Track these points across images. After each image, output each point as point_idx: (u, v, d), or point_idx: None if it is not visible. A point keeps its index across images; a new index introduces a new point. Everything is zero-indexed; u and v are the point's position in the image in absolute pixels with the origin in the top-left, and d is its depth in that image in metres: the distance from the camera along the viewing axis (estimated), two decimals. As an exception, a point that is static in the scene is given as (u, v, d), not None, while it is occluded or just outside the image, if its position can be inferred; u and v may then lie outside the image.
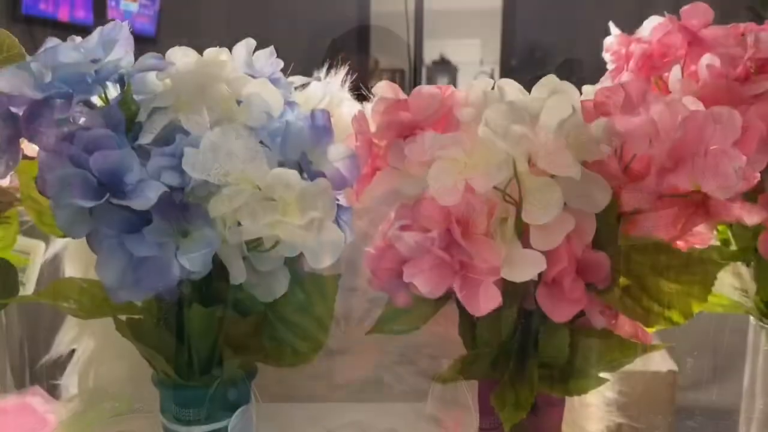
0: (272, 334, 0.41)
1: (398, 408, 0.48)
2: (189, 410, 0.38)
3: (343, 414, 0.48)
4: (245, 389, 0.40)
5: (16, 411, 0.70)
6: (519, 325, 0.38)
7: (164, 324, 0.37)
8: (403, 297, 0.41)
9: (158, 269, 0.33)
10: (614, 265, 0.35)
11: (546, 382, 0.37)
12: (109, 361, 0.48)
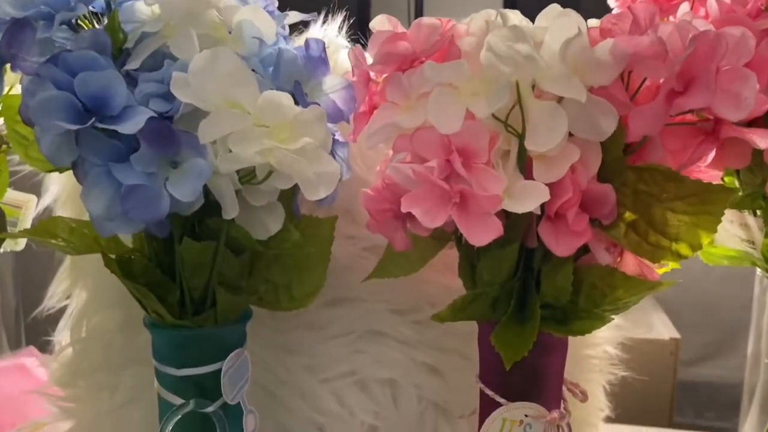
0: (267, 277, 0.40)
1: (396, 358, 0.47)
2: (181, 352, 0.37)
3: (339, 364, 0.47)
4: (240, 332, 0.39)
5: (11, 372, 0.69)
6: (520, 264, 0.37)
7: (155, 262, 0.36)
8: (402, 239, 0.40)
9: (147, 200, 0.32)
10: (620, 199, 0.34)
11: (548, 322, 0.36)
12: (101, 310, 0.47)
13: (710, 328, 1.70)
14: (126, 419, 0.47)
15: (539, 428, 0.38)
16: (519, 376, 0.39)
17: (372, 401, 0.47)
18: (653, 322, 1.05)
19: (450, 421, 0.48)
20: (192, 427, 0.38)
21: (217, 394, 0.37)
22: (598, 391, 0.56)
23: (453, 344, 0.48)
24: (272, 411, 0.47)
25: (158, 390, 0.38)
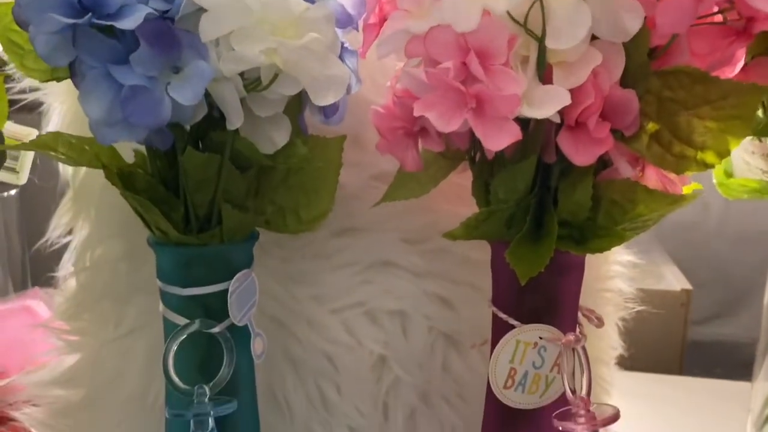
0: (273, 199, 0.39)
1: (406, 289, 0.46)
2: (187, 271, 0.36)
3: (348, 295, 0.46)
4: (246, 253, 0.38)
5: (16, 313, 0.69)
6: (537, 181, 0.35)
7: (158, 178, 0.35)
8: (413, 158, 0.38)
9: (148, 104, 0.30)
10: (643, 108, 0.32)
11: (565, 240, 0.35)
12: (105, 241, 0.46)
13: (721, 288, 1.69)
14: (131, 349, 0.46)
15: (554, 351, 0.37)
16: (533, 299, 0.38)
17: (381, 332, 0.46)
18: (664, 274, 1.04)
19: (460, 352, 0.47)
20: (197, 348, 0.37)
21: (223, 315, 0.37)
22: (611, 328, 0.55)
23: (464, 275, 0.47)
24: (280, 340, 0.46)
25: (163, 312, 0.37)
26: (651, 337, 0.90)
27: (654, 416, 0.69)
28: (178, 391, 0.36)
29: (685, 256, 1.33)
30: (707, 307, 1.70)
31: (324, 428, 0.47)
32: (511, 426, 0.40)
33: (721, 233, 1.69)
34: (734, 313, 1.76)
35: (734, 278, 1.73)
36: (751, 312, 1.73)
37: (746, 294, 1.74)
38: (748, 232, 1.68)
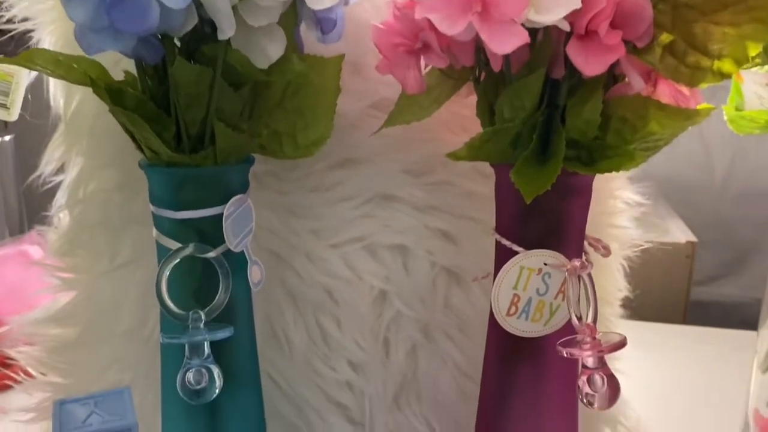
0: (268, 123, 0.37)
1: (408, 223, 0.45)
2: (180, 193, 0.35)
3: (348, 229, 0.45)
4: (242, 176, 0.37)
5: (13, 259, 0.68)
6: (544, 99, 0.34)
7: (148, 95, 0.34)
8: (415, 78, 0.37)
9: (135, 9, 0.29)
10: (657, 18, 0.31)
11: (572, 161, 0.34)
12: (98, 172, 0.45)
13: (724, 248, 1.68)
14: (127, 282, 0.45)
15: (559, 278, 0.36)
16: (538, 225, 0.37)
17: (382, 266, 0.45)
18: (669, 227, 1.03)
19: (462, 287, 0.46)
20: (192, 275, 0.36)
21: (218, 240, 0.35)
22: (616, 270, 0.54)
23: (466, 208, 0.45)
24: (279, 274, 0.45)
25: (157, 237, 0.36)
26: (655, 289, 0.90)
27: (659, 364, 0.68)
28: (173, 316, 0.35)
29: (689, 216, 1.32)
30: (710, 267, 1.70)
31: (324, 363, 0.46)
32: (514, 356, 0.39)
33: (725, 193, 1.67)
34: (736, 273, 1.75)
35: (737, 238, 1.71)
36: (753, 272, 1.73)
37: (749, 254, 1.73)
38: (752, 192, 1.66)
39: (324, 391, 0.46)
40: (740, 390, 0.57)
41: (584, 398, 0.35)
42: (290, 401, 0.47)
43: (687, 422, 0.60)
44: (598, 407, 0.36)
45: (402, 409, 0.47)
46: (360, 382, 0.46)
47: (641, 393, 0.59)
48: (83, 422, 0.33)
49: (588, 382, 0.36)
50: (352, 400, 0.46)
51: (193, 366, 0.34)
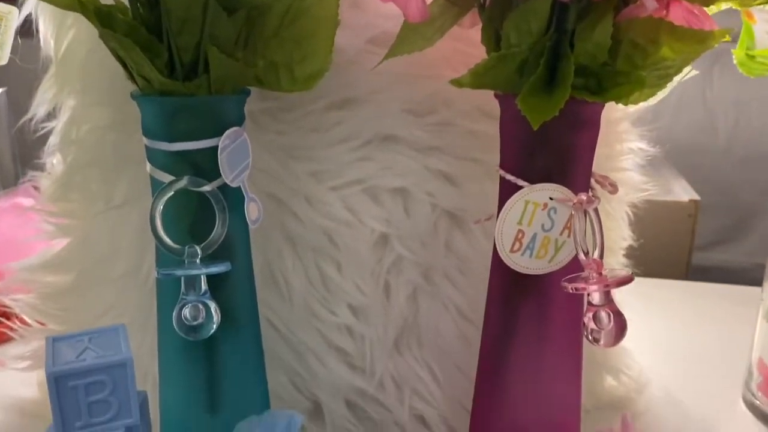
0: (264, 54, 0.36)
1: (408, 165, 0.44)
2: (173, 123, 0.34)
3: (348, 172, 0.44)
4: (237, 108, 0.36)
5: (6, 212, 0.67)
6: (552, 23, 0.32)
7: (139, 20, 0.32)
8: (417, 6, 0.35)
9: None
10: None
11: (581, 89, 0.33)
12: (92, 109, 0.43)
13: (727, 211, 1.67)
14: (122, 224, 0.44)
15: (565, 213, 0.35)
16: (544, 158, 0.36)
17: (382, 210, 0.44)
18: (672, 187, 1.02)
19: (464, 230, 0.45)
20: (188, 211, 0.35)
21: (214, 174, 0.34)
22: (621, 219, 0.53)
23: (469, 150, 0.44)
24: (279, 218, 0.44)
25: (151, 172, 0.35)
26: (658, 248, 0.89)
27: (661, 318, 0.68)
28: (168, 250, 0.34)
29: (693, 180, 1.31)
30: (712, 231, 1.69)
31: (324, 307, 0.45)
32: (517, 296, 0.38)
33: (728, 157, 1.66)
34: (738, 238, 1.74)
35: (740, 202, 1.71)
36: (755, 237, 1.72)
37: (751, 218, 1.72)
38: (755, 155, 1.65)
39: (324, 336, 0.46)
40: (744, 343, 0.57)
41: (590, 335, 0.35)
42: (290, 346, 0.46)
43: (690, 373, 0.59)
44: (603, 344, 0.35)
45: (403, 353, 0.46)
46: (360, 327, 0.45)
47: (644, 345, 0.59)
48: (77, 357, 0.32)
49: (594, 319, 0.35)
50: (352, 345, 0.46)
51: (190, 301, 0.34)
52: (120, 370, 0.32)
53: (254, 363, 0.40)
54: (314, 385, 0.47)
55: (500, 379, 0.40)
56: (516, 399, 0.40)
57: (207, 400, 0.38)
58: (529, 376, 0.40)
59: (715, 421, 0.53)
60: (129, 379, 0.32)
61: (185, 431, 0.39)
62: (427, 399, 0.47)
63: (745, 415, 0.54)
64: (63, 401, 0.32)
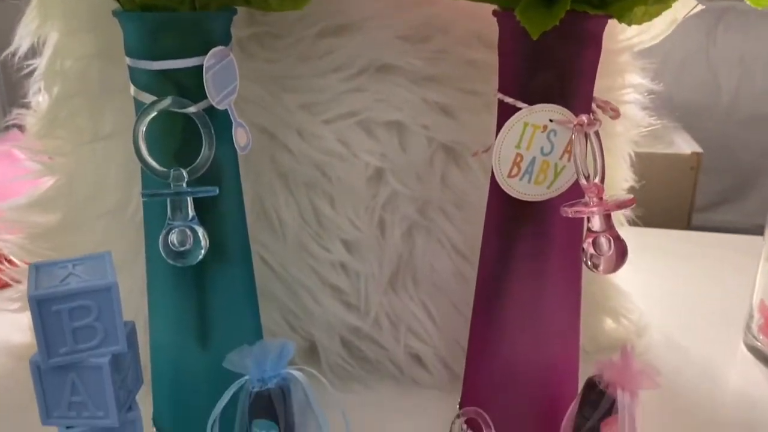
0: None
1: (403, 97, 0.42)
2: (156, 40, 0.32)
3: (340, 103, 0.42)
4: (222, 26, 0.34)
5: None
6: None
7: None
8: None
9: None
10: None
11: (582, 1, 0.31)
12: (76, 37, 0.42)
13: (728, 172, 1.66)
14: (109, 159, 0.43)
15: (565, 136, 0.34)
16: (545, 78, 0.34)
17: (377, 143, 0.43)
18: (674, 140, 1.00)
19: (460, 165, 0.44)
20: (173, 135, 0.34)
21: (199, 96, 0.33)
22: (622, 159, 0.52)
23: (466, 80, 0.43)
24: (270, 153, 0.43)
25: (135, 95, 0.34)
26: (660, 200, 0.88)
27: (663, 267, 0.67)
28: (153, 172, 0.33)
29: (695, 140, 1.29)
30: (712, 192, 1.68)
31: (317, 243, 0.44)
32: (515, 225, 0.37)
33: (730, 116, 1.64)
34: (739, 199, 1.73)
35: (742, 163, 1.69)
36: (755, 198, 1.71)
37: (752, 179, 1.71)
38: (758, 115, 1.63)
39: (318, 273, 0.45)
40: (745, 291, 0.56)
41: (589, 260, 0.34)
42: (284, 284, 0.45)
43: (690, 318, 0.59)
44: (603, 270, 0.34)
45: (398, 291, 0.46)
46: (354, 263, 0.44)
47: (645, 291, 0.58)
48: (60, 282, 0.31)
49: (593, 245, 0.34)
50: (347, 282, 0.45)
51: (176, 226, 0.32)
52: (105, 294, 0.31)
53: (246, 296, 0.39)
54: (309, 324, 0.46)
55: (496, 314, 0.40)
56: (513, 336, 0.39)
57: (198, 333, 0.38)
58: (526, 312, 0.39)
59: (715, 364, 0.53)
60: (114, 304, 0.31)
61: (176, 366, 0.39)
62: (422, 337, 0.46)
63: (746, 357, 0.54)
64: (47, 326, 0.31)
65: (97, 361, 0.32)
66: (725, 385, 0.50)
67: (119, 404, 0.33)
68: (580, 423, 0.36)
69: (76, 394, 0.32)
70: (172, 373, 0.39)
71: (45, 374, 0.32)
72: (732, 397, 0.49)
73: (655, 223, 0.78)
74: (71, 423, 0.33)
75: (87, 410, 0.33)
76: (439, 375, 0.48)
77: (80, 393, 0.32)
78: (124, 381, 0.34)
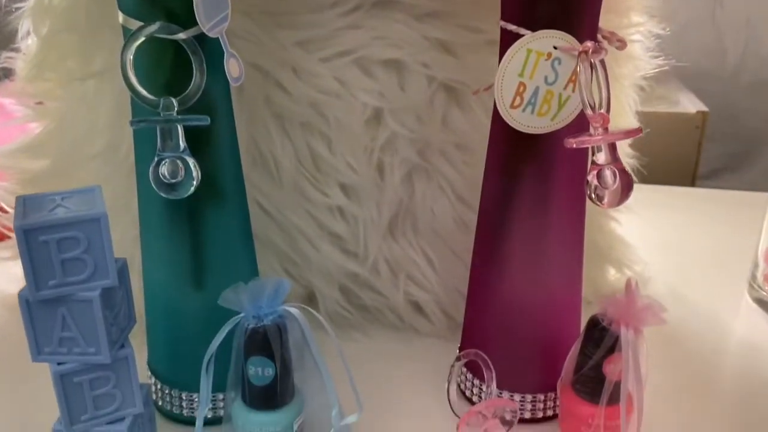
0: None
1: (402, 34, 0.41)
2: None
3: (337, 40, 0.41)
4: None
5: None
6: None
7: None
8: None
9: None
10: None
11: None
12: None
13: (732, 138, 1.64)
14: (100, 99, 0.42)
15: (569, 65, 0.33)
16: (548, 6, 0.33)
17: (375, 83, 0.41)
18: (680, 99, 0.98)
19: (462, 106, 0.42)
20: (162, 63, 0.33)
21: (189, 23, 0.32)
22: (627, 105, 0.51)
23: (469, 16, 0.41)
24: (265, 92, 0.42)
25: (123, 22, 0.32)
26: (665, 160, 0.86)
27: (669, 223, 0.66)
28: (142, 101, 0.31)
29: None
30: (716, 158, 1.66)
31: (315, 188, 0.43)
32: (517, 162, 0.36)
33: (736, 81, 1.62)
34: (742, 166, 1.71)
35: (746, 129, 1.67)
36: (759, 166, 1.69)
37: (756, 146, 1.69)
38: (764, 80, 1.61)
39: (315, 219, 0.44)
40: (750, 245, 0.55)
41: (593, 193, 0.33)
42: (282, 230, 0.44)
43: (695, 271, 0.58)
44: (607, 203, 0.33)
45: (397, 238, 0.45)
46: (353, 208, 0.43)
47: (649, 244, 0.57)
48: (48, 212, 0.30)
49: (598, 178, 0.33)
50: (345, 228, 0.44)
51: (167, 157, 0.31)
52: (94, 225, 0.30)
53: (241, 235, 0.38)
54: (307, 271, 0.45)
55: (498, 254, 0.38)
56: (515, 276, 0.38)
57: (192, 274, 0.37)
58: (528, 251, 0.38)
59: (719, 314, 0.52)
60: (104, 237, 0.30)
61: (171, 308, 0.38)
62: (422, 284, 0.46)
63: (751, 307, 0.53)
64: (34, 258, 0.30)
65: (86, 295, 0.31)
66: (730, 335, 0.50)
67: (111, 341, 0.32)
68: (582, 361, 0.35)
69: (66, 330, 0.31)
70: (166, 316, 0.38)
71: (34, 308, 0.31)
72: (737, 347, 0.48)
73: (660, 183, 0.77)
74: (62, 359, 0.32)
75: (78, 346, 0.32)
76: (440, 323, 0.47)
77: (71, 328, 0.31)
78: (116, 318, 0.33)
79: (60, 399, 0.32)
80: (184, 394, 0.38)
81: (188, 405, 0.38)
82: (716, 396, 0.43)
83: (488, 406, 0.37)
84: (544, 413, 0.39)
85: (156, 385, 0.39)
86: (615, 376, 0.35)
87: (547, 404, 0.39)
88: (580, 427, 0.36)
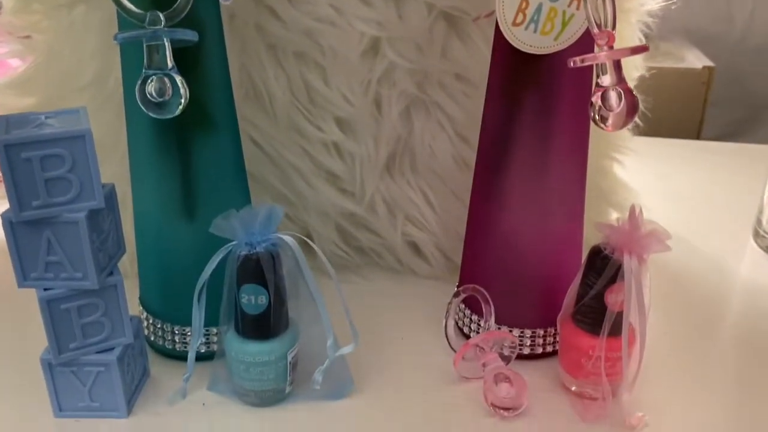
0: None
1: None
2: None
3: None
4: None
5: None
6: None
7: None
8: None
9: None
10: None
11: None
12: None
13: (738, 103, 1.61)
14: (85, 34, 0.40)
15: (574, -20, 0.31)
16: None
17: (373, 10, 0.40)
18: (686, 55, 0.96)
19: (462, 37, 0.41)
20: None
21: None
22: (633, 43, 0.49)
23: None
24: (257, 21, 0.40)
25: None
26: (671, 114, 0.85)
27: (674, 174, 0.65)
28: (128, 14, 0.30)
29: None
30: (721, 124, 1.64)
31: (309, 122, 0.42)
32: (519, 88, 0.35)
33: (743, 46, 1.59)
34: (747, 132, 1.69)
35: (752, 95, 1.65)
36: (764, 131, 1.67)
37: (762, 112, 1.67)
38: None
39: (311, 156, 0.43)
40: (755, 193, 0.54)
41: (597, 114, 0.31)
42: (276, 167, 0.43)
43: (699, 218, 0.57)
44: (611, 126, 0.32)
45: (395, 177, 0.44)
46: (349, 144, 0.42)
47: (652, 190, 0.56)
48: (31, 128, 0.29)
49: (602, 100, 0.32)
50: (341, 166, 0.43)
51: (153, 74, 0.30)
52: (79, 142, 0.29)
53: (232, 165, 0.36)
54: (303, 211, 0.44)
55: (498, 184, 0.37)
56: (515, 206, 0.37)
57: (183, 204, 0.36)
58: (529, 179, 0.37)
59: (724, 259, 0.51)
60: (89, 155, 0.29)
61: (161, 239, 0.37)
62: (421, 225, 0.45)
63: (755, 251, 0.52)
64: (17, 176, 0.29)
65: (72, 216, 0.30)
66: (735, 278, 0.49)
67: (99, 266, 0.31)
68: (583, 291, 0.34)
69: (52, 254, 0.31)
70: (157, 248, 0.37)
71: (18, 230, 0.30)
72: (742, 288, 0.48)
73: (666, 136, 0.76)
74: (49, 285, 0.31)
75: (65, 271, 0.31)
76: (438, 265, 0.46)
77: (57, 252, 0.30)
78: (104, 243, 0.32)
79: (47, 326, 0.32)
80: (176, 327, 0.37)
81: (181, 339, 0.38)
82: (720, 337, 0.42)
83: (486, 339, 0.37)
84: (544, 348, 0.38)
85: (148, 320, 0.38)
86: (617, 306, 0.34)
87: (547, 339, 0.38)
88: (581, 360, 0.35)
